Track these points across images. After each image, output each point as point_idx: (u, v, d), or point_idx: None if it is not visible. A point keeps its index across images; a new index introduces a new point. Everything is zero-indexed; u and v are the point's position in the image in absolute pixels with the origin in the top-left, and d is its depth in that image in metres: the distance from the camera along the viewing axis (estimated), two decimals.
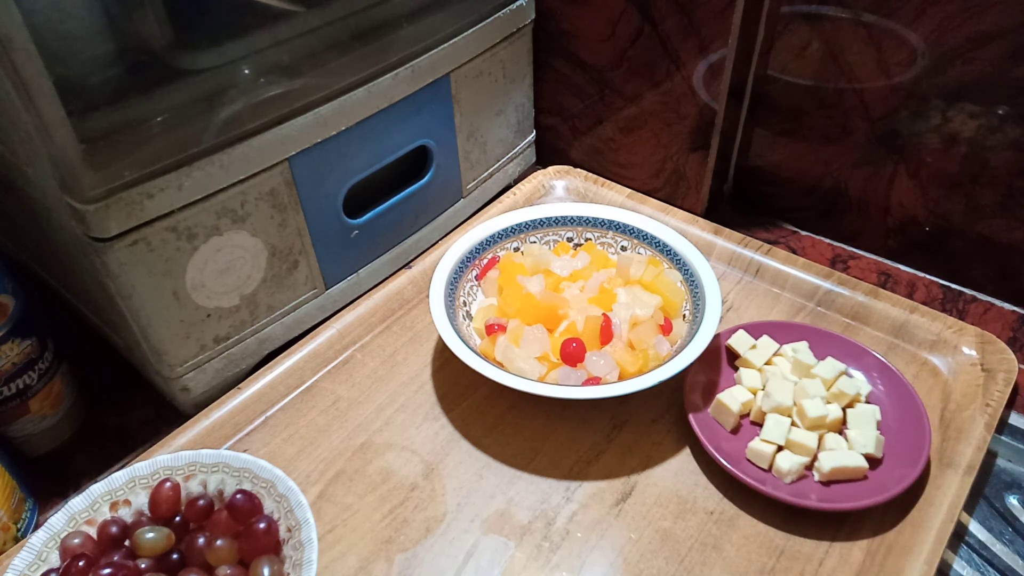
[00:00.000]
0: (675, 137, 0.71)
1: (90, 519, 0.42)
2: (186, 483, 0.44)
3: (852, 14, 0.61)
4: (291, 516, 0.41)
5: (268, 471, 0.43)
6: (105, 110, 0.44)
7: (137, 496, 0.43)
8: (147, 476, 0.44)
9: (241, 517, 0.42)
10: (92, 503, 0.43)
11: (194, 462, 0.44)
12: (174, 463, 0.44)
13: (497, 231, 0.64)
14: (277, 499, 0.42)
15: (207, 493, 0.44)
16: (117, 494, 0.43)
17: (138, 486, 0.44)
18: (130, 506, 0.43)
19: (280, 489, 0.43)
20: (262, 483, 0.43)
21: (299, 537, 0.40)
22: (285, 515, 0.42)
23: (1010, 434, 0.55)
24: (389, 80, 0.57)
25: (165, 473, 0.44)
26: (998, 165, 0.60)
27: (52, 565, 0.40)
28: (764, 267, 0.66)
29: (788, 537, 0.47)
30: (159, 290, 0.49)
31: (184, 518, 0.43)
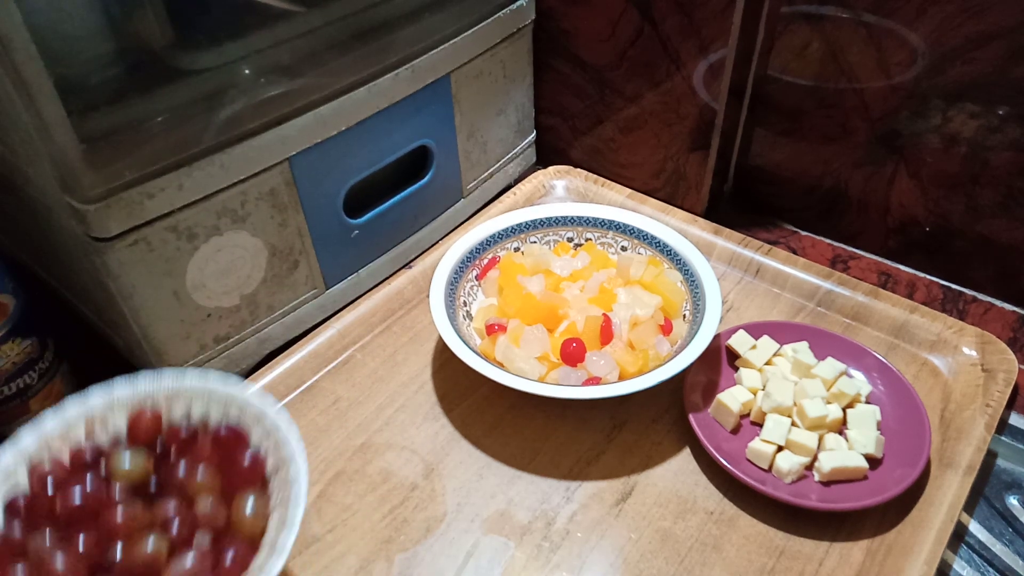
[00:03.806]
0: (675, 137, 0.71)
1: (63, 440, 0.39)
2: (168, 409, 0.41)
3: (852, 14, 0.61)
4: (279, 451, 0.38)
5: (256, 404, 0.40)
6: (105, 110, 0.44)
7: (116, 419, 0.40)
8: (126, 399, 0.41)
9: (226, 448, 0.39)
10: (67, 423, 0.40)
11: (178, 387, 0.41)
12: (157, 387, 0.41)
13: (497, 231, 0.64)
14: (265, 433, 0.40)
15: (190, 421, 0.41)
16: (94, 414, 0.40)
17: (116, 408, 0.40)
18: (106, 427, 0.40)
19: (268, 423, 0.40)
20: (250, 415, 0.40)
21: (286, 474, 0.37)
22: (272, 450, 0.39)
23: (1010, 434, 0.55)
24: (389, 80, 0.57)
25: (146, 396, 0.41)
26: (998, 165, 0.60)
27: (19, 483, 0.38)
28: (764, 267, 0.66)
29: (788, 537, 0.47)
30: (159, 290, 0.49)
31: (164, 446, 0.40)
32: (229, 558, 0.35)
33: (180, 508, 0.36)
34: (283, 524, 0.35)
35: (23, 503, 0.37)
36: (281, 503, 0.36)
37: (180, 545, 0.35)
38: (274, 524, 0.36)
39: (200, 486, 0.37)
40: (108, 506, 0.36)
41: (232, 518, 0.37)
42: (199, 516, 0.36)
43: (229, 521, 0.37)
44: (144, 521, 0.36)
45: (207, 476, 0.38)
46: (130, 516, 0.36)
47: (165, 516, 0.36)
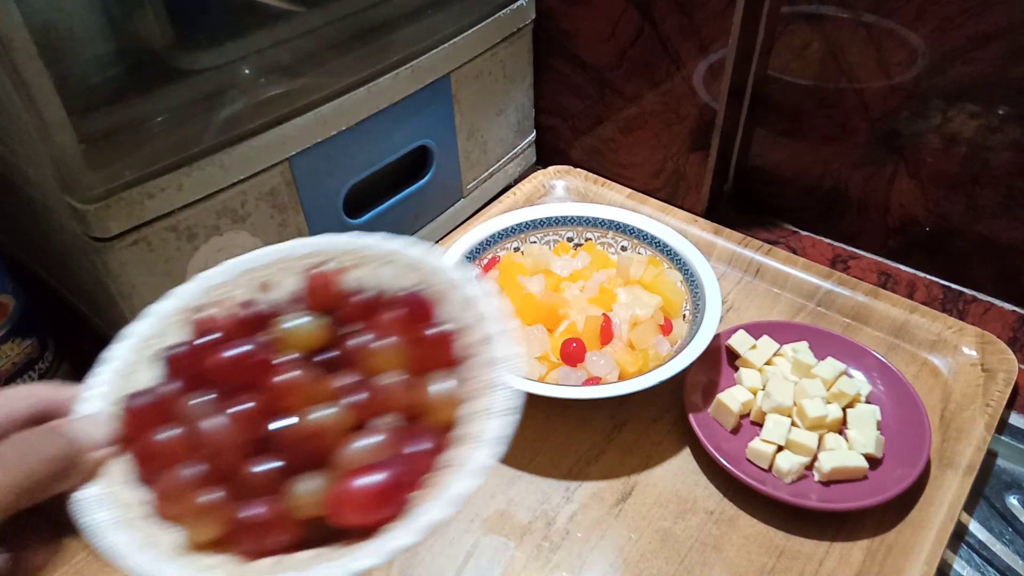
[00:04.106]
0: (675, 137, 0.71)
1: (227, 297, 0.34)
2: (345, 274, 0.35)
3: (852, 14, 0.61)
4: (479, 328, 0.32)
5: (450, 272, 0.34)
6: (105, 110, 0.44)
7: (286, 280, 0.35)
8: (300, 257, 0.35)
9: (414, 319, 0.33)
10: (232, 279, 0.34)
11: (359, 249, 0.35)
12: (333, 247, 0.35)
13: (497, 231, 0.64)
14: (462, 305, 0.33)
15: (370, 288, 0.35)
16: (262, 273, 0.35)
17: (288, 267, 0.35)
18: (275, 291, 0.35)
19: (466, 292, 0.33)
20: (441, 284, 0.34)
21: (489, 354, 0.31)
22: (470, 326, 0.32)
23: (1010, 434, 0.55)
24: (389, 80, 0.57)
25: (323, 256, 0.35)
26: (998, 165, 0.60)
27: (177, 340, 0.33)
28: (764, 267, 0.66)
29: (788, 537, 0.47)
30: (159, 290, 0.49)
31: (339, 313, 0.34)
32: (416, 444, 0.29)
33: (357, 383, 0.30)
34: (488, 412, 0.29)
35: (182, 357, 0.31)
36: (480, 389, 0.30)
37: (356, 424, 0.29)
38: (474, 412, 0.30)
39: (381, 361, 0.31)
40: (276, 370, 0.30)
41: (419, 400, 0.31)
42: (380, 394, 0.30)
43: (416, 403, 0.31)
44: (317, 392, 0.30)
45: (390, 351, 0.31)
46: (301, 382, 0.30)
47: (340, 390, 0.30)
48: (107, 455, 0.28)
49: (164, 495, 0.28)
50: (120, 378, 0.31)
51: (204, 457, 0.28)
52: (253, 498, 0.27)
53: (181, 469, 0.28)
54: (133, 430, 0.29)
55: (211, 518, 0.27)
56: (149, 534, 0.27)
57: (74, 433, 0.27)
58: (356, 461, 0.27)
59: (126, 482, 0.28)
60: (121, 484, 0.28)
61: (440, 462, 0.28)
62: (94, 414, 0.29)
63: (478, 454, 0.27)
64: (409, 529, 0.25)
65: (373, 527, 0.26)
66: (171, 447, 0.28)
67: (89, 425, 0.28)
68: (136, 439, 0.29)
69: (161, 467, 0.28)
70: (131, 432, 0.29)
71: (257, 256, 0.35)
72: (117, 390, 0.30)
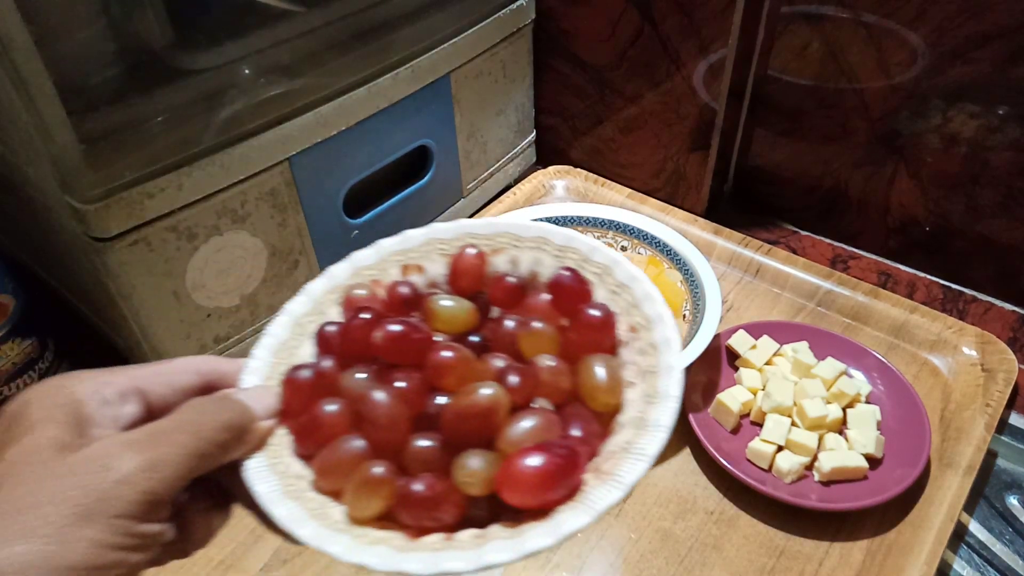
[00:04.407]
0: (675, 137, 0.71)
1: (376, 279, 0.34)
2: (492, 257, 0.34)
3: (852, 14, 0.61)
4: (636, 312, 0.31)
5: (603, 253, 0.33)
6: (105, 110, 0.44)
7: (433, 263, 0.35)
8: (448, 241, 0.35)
9: (567, 302, 0.32)
10: (381, 260, 0.35)
11: (505, 232, 0.34)
12: (481, 230, 0.35)
13: None
14: (615, 289, 0.32)
15: (518, 271, 0.34)
16: (410, 255, 0.35)
17: (436, 251, 0.35)
18: (423, 274, 0.35)
19: (619, 276, 0.32)
20: (593, 267, 0.33)
21: (651, 338, 0.30)
22: (627, 310, 0.31)
23: (1010, 434, 0.55)
24: (389, 80, 0.57)
25: (470, 240, 0.35)
26: (998, 165, 0.60)
27: (330, 319, 0.33)
28: (764, 267, 0.66)
29: (788, 537, 0.47)
30: (159, 290, 0.49)
31: (487, 299, 0.33)
32: (582, 428, 0.28)
33: (519, 366, 0.30)
34: (655, 397, 0.28)
35: (336, 334, 0.31)
36: (643, 374, 0.29)
37: (517, 406, 0.29)
38: (636, 397, 0.29)
39: (536, 344, 0.30)
40: (438, 348, 0.30)
41: (579, 385, 0.29)
42: (539, 377, 0.29)
43: (574, 388, 0.30)
44: (477, 371, 0.30)
45: (545, 334, 0.30)
46: (465, 361, 0.29)
47: (500, 371, 0.29)
48: (274, 426, 0.29)
49: (326, 469, 0.28)
50: (276, 354, 0.31)
51: (367, 432, 0.28)
52: (415, 474, 0.27)
53: (344, 443, 0.28)
54: (295, 403, 0.29)
55: (376, 492, 0.27)
56: (319, 505, 0.27)
57: (246, 401, 0.28)
58: (524, 441, 0.27)
59: (292, 454, 0.29)
60: (288, 455, 0.28)
61: (607, 446, 0.28)
62: (261, 385, 0.30)
63: (645, 440, 0.27)
64: (583, 512, 0.25)
65: (542, 508, 0.26)
66: (334, 421, 0.28)
67: (258, 395, 0.29)
68: (298, 412, 0.29)
69: (322, 441, 0.28)
70: (294, 405, 0.29)
71: (406, 238, 0.35)
72: (275, 365, 0.31)
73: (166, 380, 0.28)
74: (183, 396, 0.28)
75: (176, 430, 0.25)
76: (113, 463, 0.23)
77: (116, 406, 0.26)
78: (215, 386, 0.29)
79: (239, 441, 0.27)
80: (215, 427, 0.26)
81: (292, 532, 0.25)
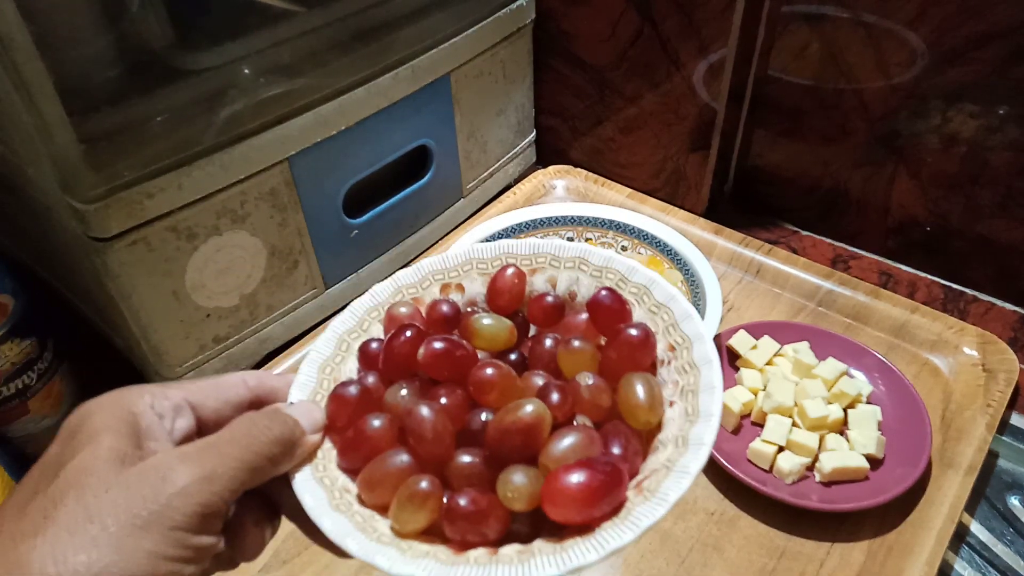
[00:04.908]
0: (675, 137, 0.71)
1: (417, 297, 0.35)
2: (531, 277, 0.35)
3: (852, 14, 0.61)
4: (675, 330, 0.31)
5: (642, 273, 0.33)
6: (105, 110, 0.44)
7: (472, 282, 0.36)
8: (487, 260, 0.36)
9: (606, 321, 0.32)
10: (422, 279, 0.36)
11: (544, 252, 0.35)
12: (519, 250, 0.36)
13: (497, 231, 0.64)
14: (653, 309, 0.32)
15: (556, 292, 0.35)
16: (450, 274, 0.36)
17: (475, 270, 0.36)
18: (463, 293, 0.35)
19: (658, 296, 0.33)
20: (632, 287, 0.33)
21: (689, 357, 0.30)
22: (665, 329, 0.32)
23: (1011, 434, 0.55)
24: (389, 80, 0.57)
25: (509, 259, 0.36)
26: (998, 165, 0.60)
27: (373, 336, 0.34)
28: (765, 267, 0.66)
29: (789, 538, 0.47)
30: (159, 290, 0.49)
31: (525, 317, 0.34)
32: (620, 446, 0.28)
33: (559, 383, 0.30)
34: (695, 415, 0.28)
35: (379, 350, 0.32)
36: (683, 393, 0.30)
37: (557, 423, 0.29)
38: (676, 416, 0.29)
39: (576, 362, 0.31)
40: (474, 363, 0.30)
41: (620, 403, 0.30)
42: (579, 395, 0.30)
43: (614, 406, 0.30)
44: (520, 389, 0.30)
45: (584, 352, 0.31)
46: (505, 376, 0.30)
47: (542, 388, 0.30)
48: (321, 440, 0.30)
49: (372, 482, 0.28)
50: (322, 370, 0.32)
51: (412, 446, 0.29)
52: (459, 489, 0.27)
53: (389, 457, 0.28)
54: (341, 418, 0.30)
55: (422, 506, 0.27)
56: (365, 518, 0.27)
57: (295, 416, 0.28)
58: (566, 458, 0.27)
59: (338, 467, 0.29)
60: (335, 468, 0.29)
61: (648, 464, 0.28)
62: (309, 401, 0.31)
63: (687, 457, 0.27)
64: (627, 528, 0.25)
65: (585, 524, 0.26)
66: (379, 435, 0.29)
67: (306, 410, 0.29)
68: (344, 427, 0.30)
69: (368, 455, 0.29)
70: (339, 420, 0.30)
71: (446, 258, 0.36)
72: (320, 381, 0.32)
73: (217, 394, 0.29)
74: (233, 410, 0.29)
75: (229, 444, 0.26)
76: (170, 476, 0.24)
77: (170, 419, 0.27)
78: (264, 400, 0.30)
79: (288, 455, 0.28)
80: (266, 441, 0.27)
81: (340, 544, 0.26)
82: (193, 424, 0.28)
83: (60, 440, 0.26)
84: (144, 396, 0.27)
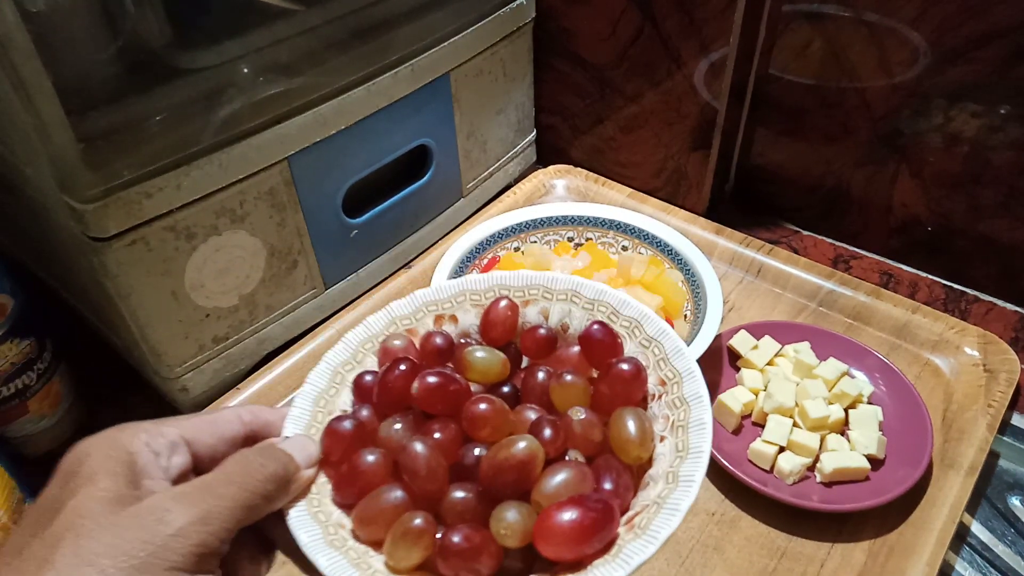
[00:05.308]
0: (676, 136, 0.71)
1: (411, 327, 0.36)
2: (523, 309, 0.36)
3: (854, 13, 0.61)
4: (666, 365, 0.32)
5: (634, 307, 0.34)
6: (104, 109, 0.44)
7: (466, 314, 0.36)
8: (480, 292, 0.36)
9: (598, 355, 0.32)
10: (415, 310, 0.36)
11: (537, 284, 0.36)
12: (512, 282, 0.36)
13: (497, 231, 0.64)
14: (644, 343, 0.33)
15: (548, 324, 0.35)
16: (444, 306, 0.36)
17: (468, 301, 0.36)
18: (456, 324, 0.36)
19: (649, 330, 0.33)
20: (623, 321, 0.34)
21: (679, 392, 0.30)
22: (656, 364, 0.32)
23: (1012, 435, 0.55)
24: (389, 79, 0.57)
25: (502, 291, 0.36)
26: (1000, 165, 0.60)
27: (367, 368, 0.34)
28: (766, 267, 0.65)
29: (790, 538, 0.47)
30: (158, 290, 0.49)
31: (518, 349, 0.35)
32: (611, 481, 0.29)
33: (552, 418, 0.31)
34: (685, 452, 0.29)
35: (373, 384, 0.33)
36: (673, 428, 0.30)
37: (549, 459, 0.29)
38: (667, 451, 0.29)
39: (568, 396, 0.31)
40: (468, 398, 0.31)
41: (611, 438, 0.30)
42: (571, 430, 0.30)
43: (606, 440, 0.30)
44: (512, 423, 0.31)
45: (576, 386, 0.31)
46: (498, 411, 0.30)
47: (535, 423, 0.30)
48: (315, 475, 0.30)
49: (366, 519, 0.29)
50: (316, 403, 0.33)
51: (406, 482, 0.29)
52: (453, 524, 0.28)
53: (383, 493, 0.29)
54: (335, 452, 0.30)
55: (416, 544, 0.28)
56: (359, 554, 0.28)
57: (290, 452, 0.29)
58: (559, 495, 0.28)
59: (332, 502, 0.30)
60: (329, 503, 0.30)
61: (638, 500, 0.29)
62: (303, 435, 0.31)
63: (677, 494, 0.28)
64: (617, 566, 0.26)
65: (577, 561, 0.27)
66: (374, 471, 0.30)
67: (300, 445, 0.30)
68: (338, 461, 0.30)
69: (362, 490, 0.29)
70: (334, 454, 0.30)
71: (440, 289, 0.36)
72: (315, 414, 0.32)
73: (212, 430, 0.29)
74: (229, 445, 0.29)
75: (225, 483, 0.26)
76: (166, 517, 0.24)
77: (166, 456, 0.27)
78: (259, 435, 0.31)
79: (283, 491, 0.28)
80: (262, 479, 0.27)
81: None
82: (189, 460, 0.28)
83: (57, 481, 0.26)
84: (140, 434, 0.27)
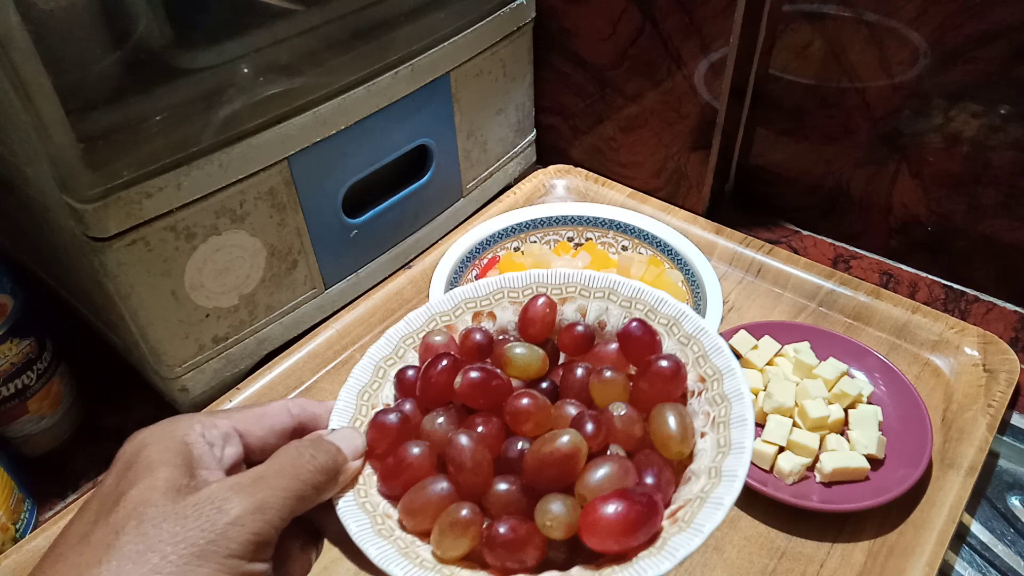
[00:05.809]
0: (676, 136, 0.71)
1: (450, 324, 0.36)
2: (561, 306, 0.36)
3: (854, 13, 0.61)
4: (705, 362, 0.32)
5: (672, 305, 0.34)
6: (104, 109, 0.44)
7: (504, 311, 0.36)
8: (518, 289, 0.37)
9: (636, 352, 0.33)
10: (455, 307, 0.37)
11: (574, 282, 0.36)
12: (549, 280, 0.37)
13: (497, 231, 0.64)
14: (683, 340, 0.33)
15: (585, 321, 0.36)
16: (482, 303, 0.37)
17: (506, 299, 0.37)
18: (494, 321, 0.36)
19: (688, 328, 0.33)
20: (662, 318, 0.34)
21: (720, 389, 0.31)
22: (695, 361, 0.32)
23: (1012, 435, 0.55)
24: (389, 79, 0.57)
25: (540, 288, 0.36)
26: (1000, 165, 0.60)
27: (408, 363, 0.35)
28: (765, 267, 0.65)
29: (789, 538, 0.47)
30: (158, 290, 0.49)
31: (556, 346, 0.35)
32: (653, 476, 0.29)
33: (589, 413, 0.31)
34: (727, 448, 0.29)
35: (415, 378, 0.33)
36: (715, 424, 0.30)
37: (591, 453, 0.30)
38: (708, 447, 0.30)
39: (607, 392, 0.31)
40: (509, 393, 0.31)
41: (652, 433, 0.30)
42: (613, 425, 0.30)
43: (646, 436, 0.31)
44: (554, 418, 0.31)
45: (616, 382, 0.31)
46: (541, 406, 0.31)
47: (570, 418, 0.31)
48: (362, 466, 0.31)
49: (413, 509, 0.29)
50: (360, 396, 0.33)
51: (452, 474, 0.30)
52: (497, 516, 0.28)
53: (429, 484, 0.29)
54: (381, 445, 0.31)
55: (463, 534, 0.28)
56: (407, 544, 0.28)
57: (337, 444, 0.30)
58: (603, 488, 0.28)
59: (378, 492, 0.30)
60: (375, 494, 0.30)
61: (680, 494, 0.29)
62: (350, 428, 0.32)
63: (721, 489, 0.28)
64: (664, 558, 0.26)
65: (622, 553, 0.27)
66: (419, 463, 0.30)
67: (347, 437, 0.31)
68: (384, 454, 0.31)
69: (408, 482, 0.30)
70: (379, 447, 0.31)
71: (479, 286, 0.37)
72: (359, 407, 0.33)
73: (262, 423, 0.30)
74: (278, 437, 0.31)
75: (278, 474, 0.27)
76: (224, 507, 0.25)
77: (220, 447, 0.28)
78: (306, 427, 0.32)
79: (332, 482, 0.29)
80: (312, 470, 0.28)
81: (385, 569, 0.27)
82: (241, 451, 0.29)
83: (116, 471, 0.27)
84: (195, 425, 0.28)
